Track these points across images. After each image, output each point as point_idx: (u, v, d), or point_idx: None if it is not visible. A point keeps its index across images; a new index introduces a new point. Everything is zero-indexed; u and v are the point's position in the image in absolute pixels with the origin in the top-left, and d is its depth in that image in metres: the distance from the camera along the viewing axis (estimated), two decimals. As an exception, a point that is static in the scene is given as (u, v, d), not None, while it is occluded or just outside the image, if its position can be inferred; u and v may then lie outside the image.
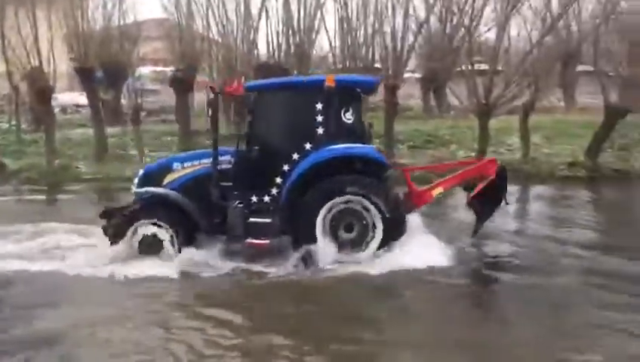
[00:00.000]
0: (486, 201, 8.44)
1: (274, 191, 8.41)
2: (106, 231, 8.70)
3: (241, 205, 8.36)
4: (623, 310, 6.52)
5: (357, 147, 8.31)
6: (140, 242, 8.39)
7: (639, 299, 6.89)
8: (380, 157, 8.40)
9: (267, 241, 8.20)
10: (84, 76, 21.26)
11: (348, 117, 8.37)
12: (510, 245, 9.18)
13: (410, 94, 27.71)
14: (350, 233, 8.21)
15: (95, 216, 9.39)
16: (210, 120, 8.52)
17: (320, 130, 8.28)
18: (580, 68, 25.18)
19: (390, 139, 18.75)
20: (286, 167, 8.34)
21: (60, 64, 21.08)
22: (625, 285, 7.38)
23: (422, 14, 22.08)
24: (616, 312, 6.46)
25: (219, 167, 8.47)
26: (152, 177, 8.78)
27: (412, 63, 23.40)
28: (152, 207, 8.53)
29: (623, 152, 19.17)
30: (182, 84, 21.35)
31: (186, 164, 8.74)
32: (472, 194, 8.42)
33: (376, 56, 23.26)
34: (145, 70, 31.84)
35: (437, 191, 8.84)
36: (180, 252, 8.25)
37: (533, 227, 10.85)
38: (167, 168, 8.79)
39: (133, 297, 7.22)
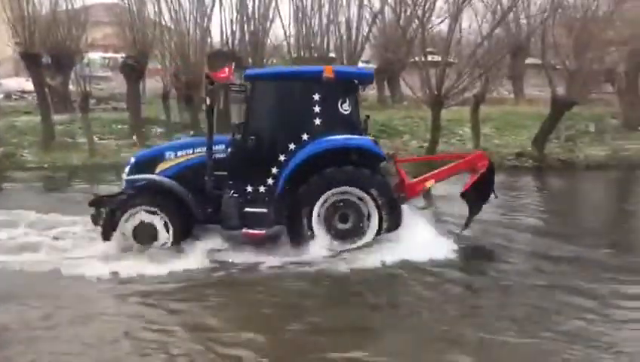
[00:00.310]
0: (478, 195, 8.59)
1: (270, 181, 8.33)
2: (95, 220, 8.53)
3: (236, 195, 8.27)
4: (563, 293, 6.80)
5: (354, 138, 8.30)
6: (135, 229, 8.19)
7: (578, 281, 7.17)
8: (376, 149, 8.41)
9: (264, 231, 8.17)
10: (30, 61, 20.61)
11: (345, 108, 8.34)
12: (461, 232, 9.32)
13: (365, 84, 27.87)
14: (345, 224, 8.20)
15: (40, 205, 9.12)
16: (206, 109, 8.42)
17: (317, 121, 8.25)
18: (529, 61, 25.79)
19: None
20: (282, 157, 8.28)
21: (5, 49, 20.37)
22: (566, 268, 7.72)
23: (377, 5, 22.53)
24: (561, 294, 6.74)
25: (213, 156, 8.33)
26: (143, 165, 8.61)
27: (367, 54, 23.87)
28: (148, 194, 8.36)
29: (568, 143, 19.84)
30: (133, 71, 20.91)
31: (179, 153, 8.58)
32: (465, 187, 8.60)
33: (331, 46, 23.47)
34: (94, 56, 31.06)
35: (429, 184, 8.92)
36: (174, 241, 8.12)
37: (484, 214, 11.02)
38: (159, 157, 8.63)
39: (78, 291, 7.01)
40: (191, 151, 8.56)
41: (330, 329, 5.91)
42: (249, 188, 8.37)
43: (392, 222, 8.09)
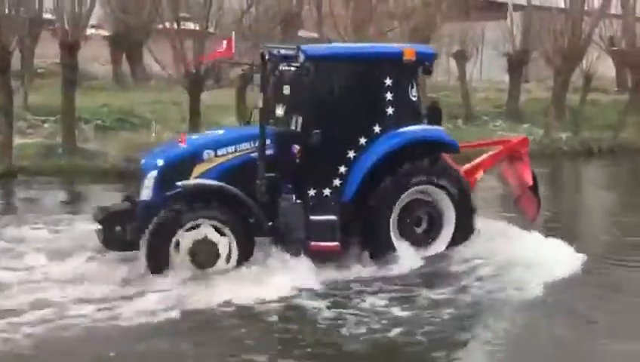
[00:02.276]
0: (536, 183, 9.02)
1: (337, 182, 7.96)
2: (108, 243, 7.73)
3: (298, 201, 7.87)
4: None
5: (431, 130, 8.29)
6: (192, 249, 7.30)
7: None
8: (452, 141, 8.39)
9: (337, 243, 7.74)
10: None
11: (413, 94, 8.23)
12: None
13: (96, 57, 24.45)
14: (420, 226, 8.19)
15: None
16: (263, 98, 7.72)
17: (390, 110, 8.05)
18: (302, 33, 25.04)
19: (70, 116, 15.62)
20: (352, 154, 7.95)
21: None
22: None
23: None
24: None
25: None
26: (176, 169, 7.65)
27: (97, 16, 20.83)
28: (204, 204, 7.44)
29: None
30: None
31: (219, 152, 7.82)
32: (529, 182, 8.81)
33: (49, 4, 20.00)
34: None
35: (479, 176, 9.07)
36: (239, 260, 7.48)
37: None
38: (196, 157, 7.76)
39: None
40: (232, 149, 7.86)
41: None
42: (312, 192, 7.94)
43: (467, 220, 8.14)
